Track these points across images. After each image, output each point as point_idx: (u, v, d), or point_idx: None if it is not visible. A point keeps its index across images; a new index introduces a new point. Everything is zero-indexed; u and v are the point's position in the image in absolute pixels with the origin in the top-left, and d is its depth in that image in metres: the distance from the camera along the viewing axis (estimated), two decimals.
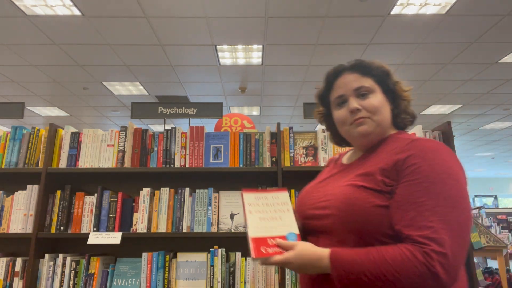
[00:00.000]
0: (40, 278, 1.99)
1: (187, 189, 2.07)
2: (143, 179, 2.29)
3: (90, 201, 2.07)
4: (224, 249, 2.00)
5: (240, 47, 5.13)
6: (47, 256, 2.00)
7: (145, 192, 2.07)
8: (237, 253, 2.00)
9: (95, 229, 2.02)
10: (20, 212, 2.06)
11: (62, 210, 2.05)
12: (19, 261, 1.99)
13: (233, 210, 2.06)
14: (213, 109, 2.95)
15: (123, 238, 1.97)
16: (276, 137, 2.15)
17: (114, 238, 1.96)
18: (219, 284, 1.95)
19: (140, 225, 2.02)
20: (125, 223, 2.04)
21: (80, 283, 1.97)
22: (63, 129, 2.20)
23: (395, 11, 4.22)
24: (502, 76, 6.06)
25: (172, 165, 2.12)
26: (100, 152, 2.14)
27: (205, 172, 2.15)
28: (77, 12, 4.22)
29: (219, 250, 1.98)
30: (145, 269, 1.96)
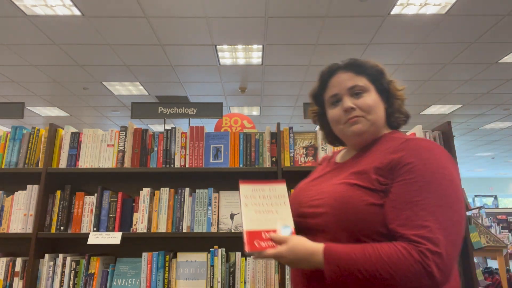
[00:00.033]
0: (40, 278, 1.99)
1: (187, 189, 2.07)
2: (143, 179, 2.29)
3: (90, 201, 2.07)
4: (224, 249, 2.00)
5: (240, 47, 5.13)
6: (47, 256, 2.00)
7: (145, 192, 2.07)
8: (237, 253, 2.00)
9: (95, 229, 2.02)
10: (20, 212, 2.06)
11: (62, 210, 2.05)
12: (19, 261, 1.99)
13: (233, 210, 2.06)
14: (213, 109, 2.94)
15: (123, 238, 1.97)
16: (276, 137, 2.15)
17: (114, 238, 1.96)
18: (219, 284, 1.95)
19: (140, 225, 2.02)
20: (125, 223, 2.04)
21: (80, 283, 1.97)
22: (63, 129, 2.21)
23: (395, 11, 4.22)
24: (502, 76, 6.06)
25: (172, 165, 2.12)
26: (100, 152, 2.14)
27: (205, 172, 2.15)
28: (77, 12, 4.22)
29: (219, 250, 1.99)
30: (145, 269, 1.96)
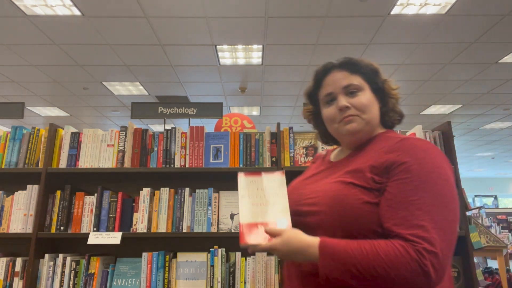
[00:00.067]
0: (40, 278, 1.99)
1: (187, 189, 2.07)
2: (143, 179, 2.29)
3: (90, 201, 2.07)
4: (224, 249, 2.00)
5: (240, 47, 5.13)
6: (47, 256, 2.00)
7: (145, 192, 2.07)
8: (237, 253, 2.00)
9: (95, 229, 2.02)
10: (20, 212, 2.06)
11: (62, 210, 2.05)
12: (19, 261, 1.99)
13: (233, 210, 2.06)
14: (213, 109, 2.94)
15: (123, 238, 1.97)
16: (276, 137, 2.15)
17: (114, 238, 1.96)
18: (219, 284, 1.95)
19: (140, 225, 2.02)
20: (125, 223, 2.04)
21: (80, 283, 1.97)
22: (63, 129, 2.20)
23: (395, 11, 4.22)
24: (502, 76, 6.06)
25: (172, 165, 2.12)
26: (100, 152, 2.14)
27: (205, 172, 2.15)
28: (77, 12, 4.22)
29: (219, 250, 1.99)
30: (145, 269, 1.96)
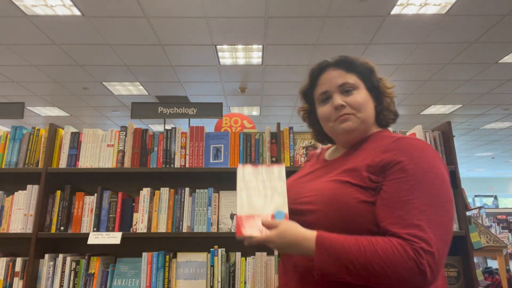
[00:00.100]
0: (40, 278, 1.99)
1: (187, 189, 2.07)
2: (143, 179, 2.29)
3: (90, 201, 2.07)
4: (224, 249, 2.00)
5: (240, 47, 5.13)
6: (47, 256, 2.00)
7: (145, 192, 2.07)
8: (237, 253, 2.00)
9: (95, 229, 2.02)
10: (20, 212, 2.06)
11: (62, 210, 2.05)
12: (19, 261, 1.99)
13: (233, 210, 2.06)
14: (213, 109, 2.94)
15: (123, 238, 1.97)
16: (276, 137, 2.15)
17: (114, 238, 1.96)
18: (219, 284, 1.95)
19: (140, 225, 2.02)
20: (125, 223, 2.04)
21: (80, 283, 1.97)
22: (63, 129, 2.20)
23: (395, 11, 4.22)
24: (502, 76, 6.06)
25: (172, 165, 2.12)
26: (100, 152, 2.14)
27: (205, 172, 2.15)
28: (77, 12, 4.22)
29: (219, 250, 1.98)
30: (145, 269, 1.96)
